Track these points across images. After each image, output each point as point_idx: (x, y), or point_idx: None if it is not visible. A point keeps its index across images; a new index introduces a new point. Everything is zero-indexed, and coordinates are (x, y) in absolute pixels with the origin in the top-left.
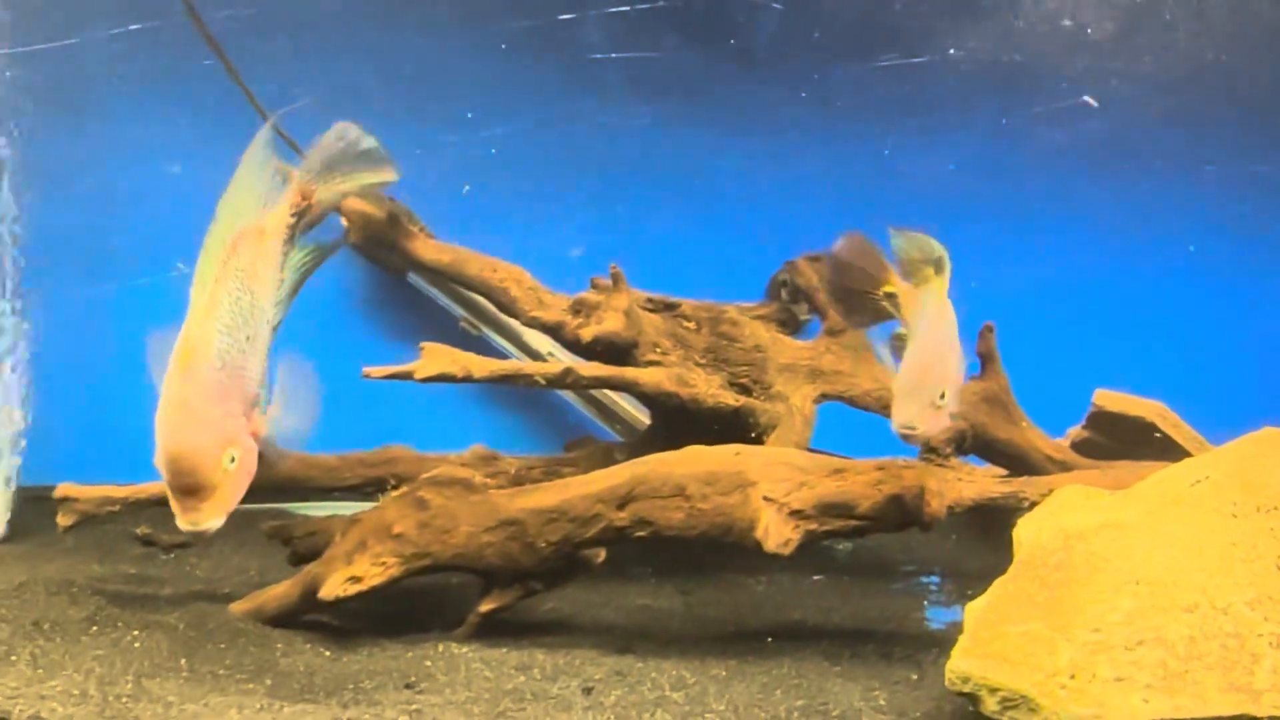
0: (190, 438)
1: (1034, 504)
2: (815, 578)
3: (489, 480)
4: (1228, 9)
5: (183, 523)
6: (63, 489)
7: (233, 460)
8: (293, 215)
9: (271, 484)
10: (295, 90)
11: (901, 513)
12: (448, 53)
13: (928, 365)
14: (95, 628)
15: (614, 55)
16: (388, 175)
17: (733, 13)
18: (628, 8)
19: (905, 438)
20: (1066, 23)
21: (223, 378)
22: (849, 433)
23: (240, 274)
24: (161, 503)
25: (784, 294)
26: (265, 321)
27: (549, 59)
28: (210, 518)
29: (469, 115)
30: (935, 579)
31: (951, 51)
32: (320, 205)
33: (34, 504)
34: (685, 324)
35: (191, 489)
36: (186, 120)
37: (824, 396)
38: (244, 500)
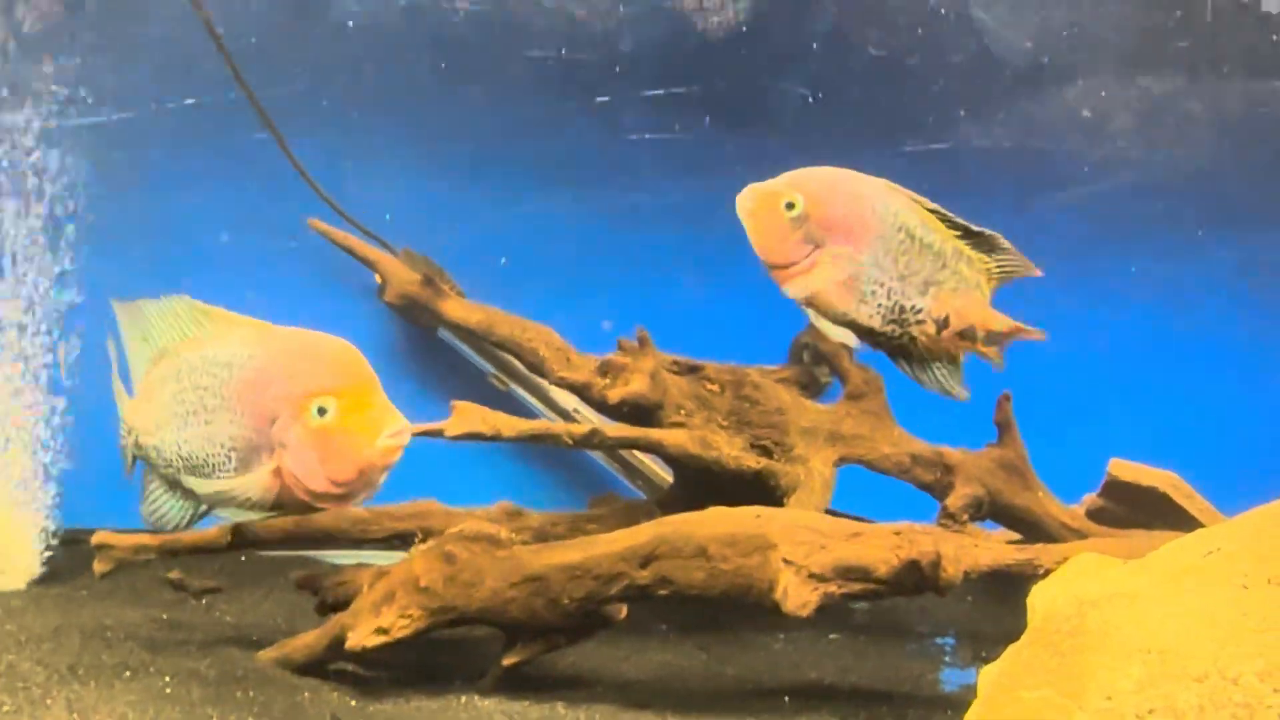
0: (333, 340)
1: (1049, 571)
2: (832, 636)
3: (514, 535)
4: (1245, 103)
5: (397, 429)
6: (99, 536)
7: None
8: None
9: (302, 535)
10: (342, 163)
11: (918, 577)
12: (489, 131)
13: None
14: (129, 673)
15: (648, 135)
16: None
17: (763, 98)
18: (662, 91)
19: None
20: (1086, 114)
21: None
22: (868, 494)
23: None
24: (195, 550)
25: (806, 356)
26: None
27: (586, 138)
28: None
29: (508, 191)
30: (950, 640)
31: (973, 140)
32: None
33: (69, 546)
34: (709, 386)
35: (376, 385)
36: (235, 190)
37: (843, 460)
38: (272, 548)
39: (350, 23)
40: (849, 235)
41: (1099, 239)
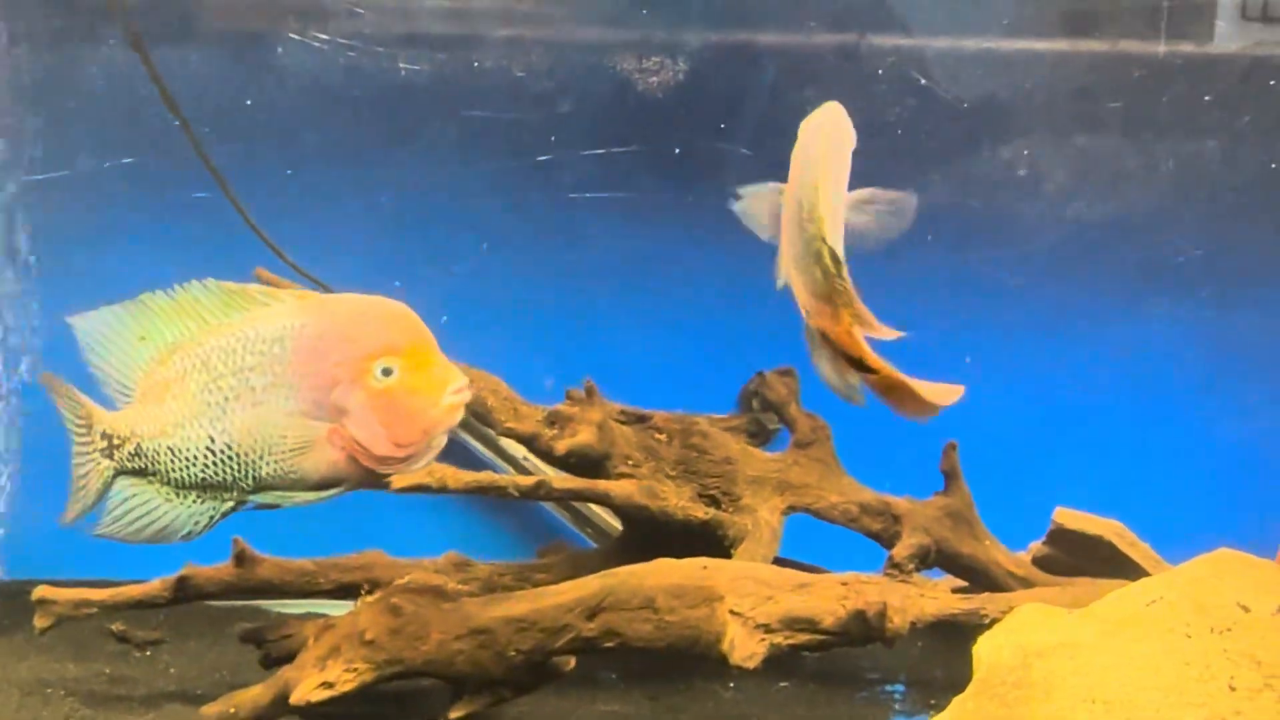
0: (387, 301)
1: (995, 621)
2: (781, 684)
3: (461, 587)
4: (1177, 160)
5: (460, 386)
6: (40, 591)
7: None
8: None
9: (245, 587)
10: (281, 220)
11: (864, 628)
12: (428, 188)
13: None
14: None
15: (588, 194)
16: None
17: (702, 156)
18: (601, 150)
19: None
20: (1021, 172)
21: None
22: (816, 541)
23: None
24: (138, 605)
25: (755, 404)
26: None
27: (526, 197)
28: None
29: (447, 248)
30: (900, 687)
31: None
32: None
33: (8, 600)
34: (657, 436)
35: (435, 342)
36: (173, 249)
37: (791, 509)
38: (216, 598)
39: (290, 80)
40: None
41: (1038, 294)
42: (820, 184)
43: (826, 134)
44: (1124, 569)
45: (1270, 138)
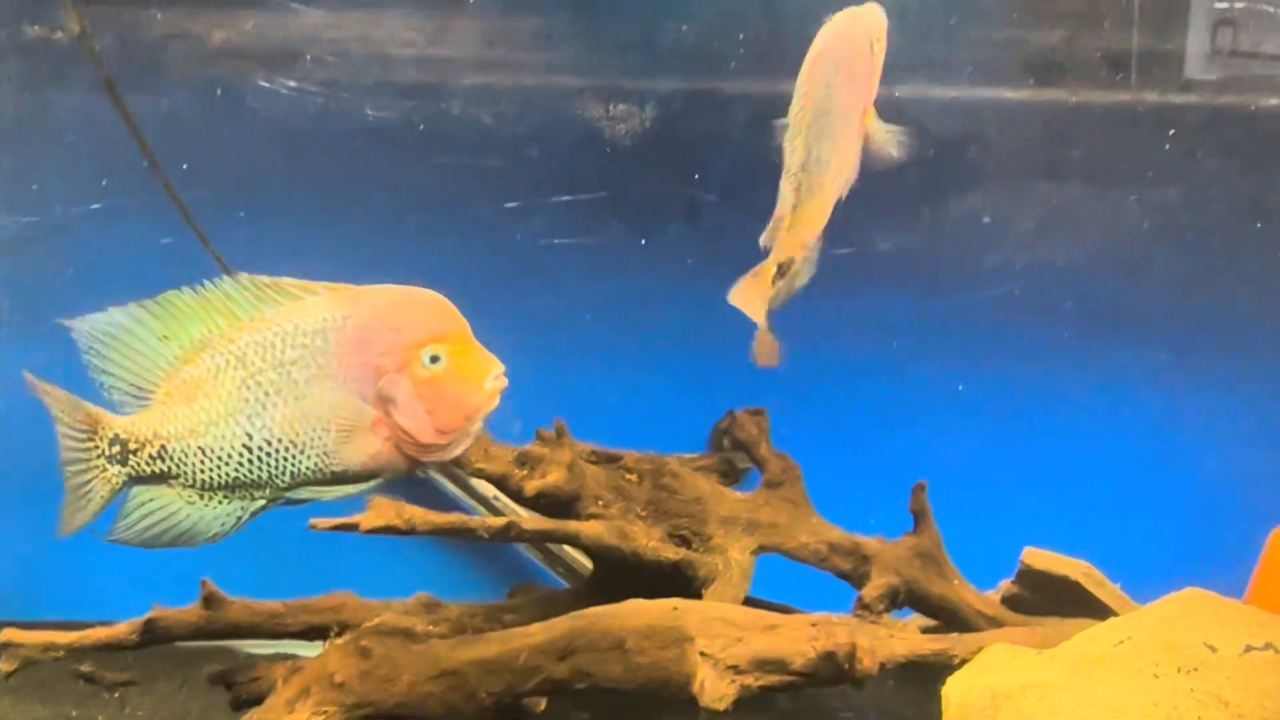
0: (424, 291)
1: (964, 661)
2: None
3: (431, 628)
4: (1140, 208)
5: (499, 371)
6: (6, 634)
7: None
8: None
9: (214, 630)
10: (253, 267)
11: (834, 669)
12: (396, 234)
13: None
14: None
15: (556, 240)
16: None
17: (670, 203)
18: (569, 197)
19: None
20: (986, 219)
21: None
22: (787, 581)
23: None
24: (105, 648)
25: (726, 443)
26: None
27: (494, 244)
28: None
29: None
30: None
31: (878, 244)
32: None
33: None
34: (627, 476)
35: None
36: (142, 292)
37: (761, 548)
38: (187, 640)
39: (258, 127)
40: None
41: (1003, 337)
42: (806, 89)
43: (830, 39)
44: (1092, 609)
45: (1236, 180)
